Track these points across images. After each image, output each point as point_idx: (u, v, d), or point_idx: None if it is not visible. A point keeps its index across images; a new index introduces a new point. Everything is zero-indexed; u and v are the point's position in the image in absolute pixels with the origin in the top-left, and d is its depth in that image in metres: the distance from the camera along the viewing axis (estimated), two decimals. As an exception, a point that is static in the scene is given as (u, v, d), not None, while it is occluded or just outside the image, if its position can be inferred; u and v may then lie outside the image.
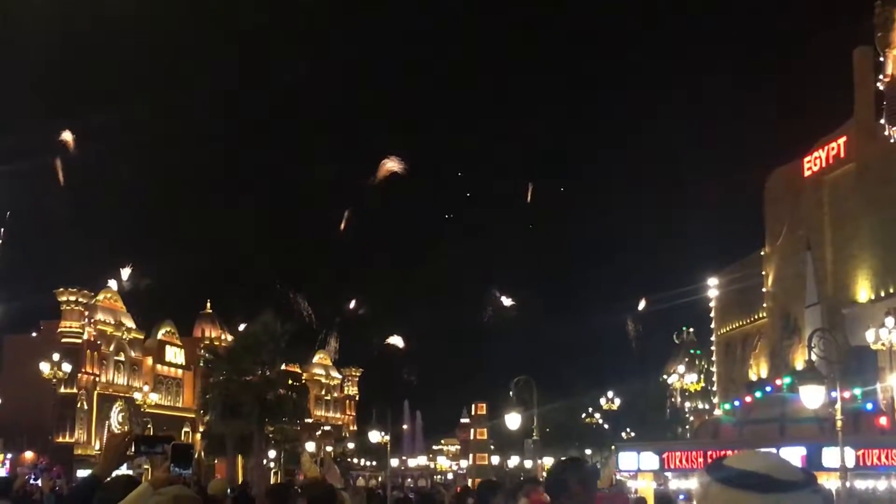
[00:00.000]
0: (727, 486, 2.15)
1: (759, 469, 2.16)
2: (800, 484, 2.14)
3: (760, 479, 2.13)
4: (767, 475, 2.14)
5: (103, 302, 73.21)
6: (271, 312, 48.86)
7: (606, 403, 65.25)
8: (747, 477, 2.14)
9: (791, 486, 2.13)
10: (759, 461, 2.17)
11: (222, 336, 79.55)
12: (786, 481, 2.14)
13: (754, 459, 2.18)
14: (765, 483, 2.12)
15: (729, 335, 54.42)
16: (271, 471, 59.63)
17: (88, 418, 69.81)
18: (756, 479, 2.13)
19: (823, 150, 43.31)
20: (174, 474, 4.54)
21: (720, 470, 2.20)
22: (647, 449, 27.84)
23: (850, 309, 40.16)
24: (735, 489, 2.14)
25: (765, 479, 2.13)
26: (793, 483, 2.14)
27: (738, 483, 2.14)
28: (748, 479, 2.14)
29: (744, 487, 2.13)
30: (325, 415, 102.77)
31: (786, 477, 2.15)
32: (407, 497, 17.65)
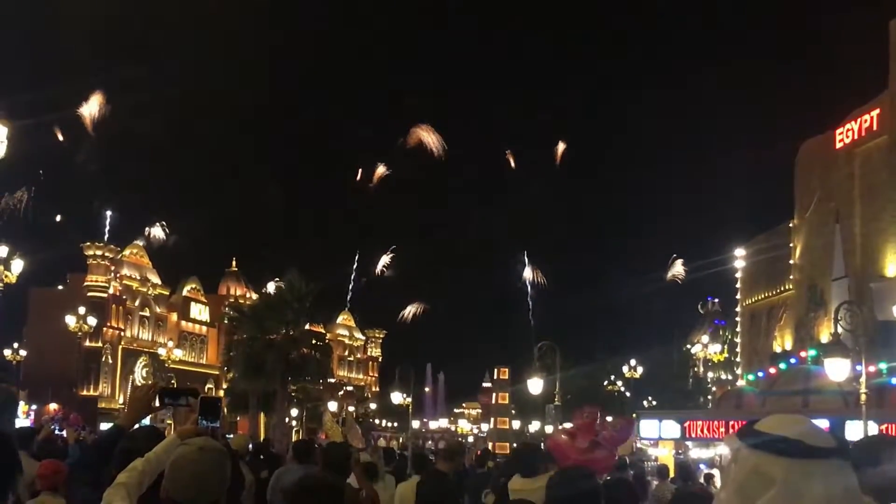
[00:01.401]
0: (756, 450, 2.11)
1: (791, 434, 2.12)
2: (830, 451, 2.10)
3: (790, 444, 2.09)
4: (798, 440, 2.10)
5: (129, 257, 73.66)
6: (296, 272, 49.00)
7: (629, 371, 65.21)
8: (778, 442, 2.10)
9: (821, 452, 2.09)
10: (791, 426, 2.13)
11: (247, 294, 79.90)
12: (816, 447, 2.10)
13: (786, 424, 2.14)
14: (794, 448, 2.08)
15: (754, 306, 54.20)
16: (293, 429, 59.98)
17: (113, 372, 70.45)
18: (786, 444, 2.10)
19: (856, 122, 42.88)
20: (202, 427, 4.53)
21: (751, 434, 2.16)
22: (669, 417, 27.78)
23: (878, 283, 39.87)
24: (764, 453, 2.10)
25: (795, 444, 2.09)
26: (823, 450, 2.10)
27: (768, 447, 2.10)
28: (778, 443, 2.10)
29: (773, 452, 2.09)
30: (348, 375, 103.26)
31: (817, 443, 2.11)
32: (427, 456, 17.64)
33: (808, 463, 2.06)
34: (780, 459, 2.07)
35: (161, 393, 4.97)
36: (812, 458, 2.07)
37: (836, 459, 2.09)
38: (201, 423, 4.56)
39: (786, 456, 2.07)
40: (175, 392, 4.99)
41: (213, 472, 3.93)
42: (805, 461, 2.06)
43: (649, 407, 63.34)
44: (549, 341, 33.76)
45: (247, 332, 47.60)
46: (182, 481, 3.86)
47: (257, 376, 45.27)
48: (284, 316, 46.88)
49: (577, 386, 64.87)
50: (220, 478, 3.95)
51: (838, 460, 2.10)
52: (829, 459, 2.08)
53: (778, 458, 2.08)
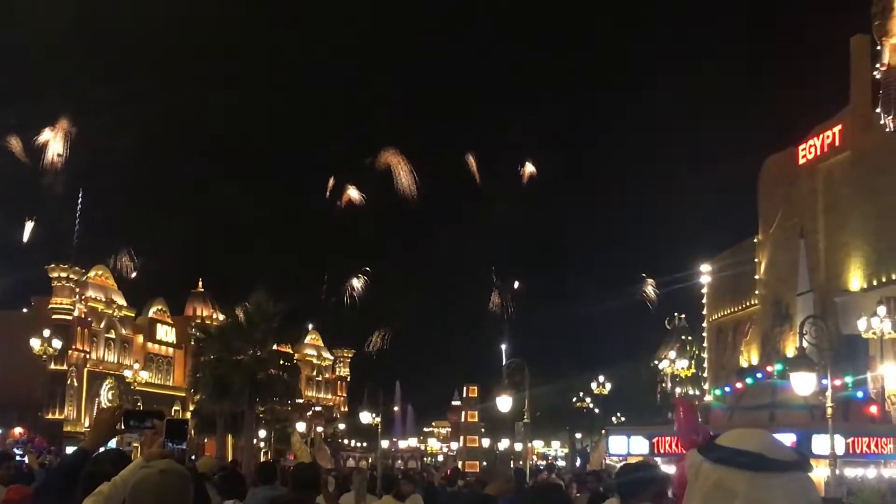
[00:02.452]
0: (718, 465, 2.11)
1: (752, 448, 2.12)
2: (791, 465, 2.10)
3: (751, 458, 2.09)
4: (759, 454, 2.11)
5: (94, 279, 73.14)
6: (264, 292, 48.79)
7: (597, 388, 65.34)
8: (739, 455, 2.11)
9: (782, 465, 2.09)
10: (751, 440, 2.14)
11: (214, 315, 79.49)
12: (778, 461, 2.10)
13: (747, 438, 2.15)
14: (756, 462, 2.08)
15: (720, 321, 54.52)
16: (261, 450, 59.66)
17: (78, 395, 69.79)
18: (747, 458, 2.10)
19: (818, 138, 43.31)
20: (168, 450, 4.50)
21: (712, 449, 2.16)
22: (638, 433, 27.90)
23: (842, 297, 40.22)
24: (726, 467, 2.10)
25: (756, 457, 2.09)
26: (784, 463, 2.10)
27: (729, 461, 2.10)
28: (740, 457, 2.10)
29: (735, 466, 2.09)
30: (317, 395, 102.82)
31: (777, 457, 2.11)
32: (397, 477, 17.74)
33: (769, 476, 2.07)
34: (742, 473, 2.07)
35: (126, 415, 4.93)
36: (773, 471, 2.07)
37: (796, 472, 2.10)
38: (167, 445, 4.53)
39: (747, 469, 2.07)
40: (141, 414, 4.95)
41: (175, 495, 3.90)
42: (766, 474, 2.07)
43: (618, 423, 63.47)
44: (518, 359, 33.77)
45: (214, 353, 47.29)
46: (143, 496, 3.84)
47: (224, 398, 44.98)
48: (252, 336, 46.63)
49: (547, 403, 64.94)
50: (182, 501, 3.93)
51: (799, 473, 2.10)
52: (790, 473, 2.09)
53: (740, 472, 2.08)
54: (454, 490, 19.79)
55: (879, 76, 39.39)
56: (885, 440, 21.87)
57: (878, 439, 21.88)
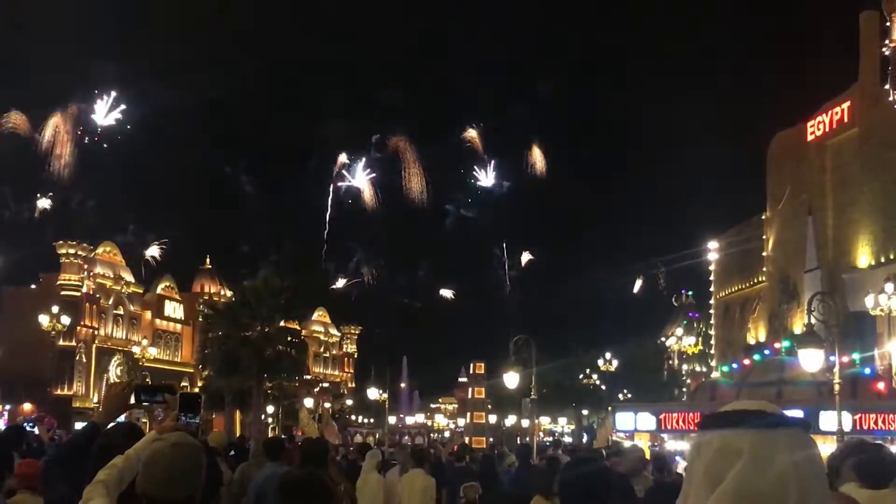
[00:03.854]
0: (720, 430, 2.09)
1: (752, 408, 2.12)
2: (793, 420, 2.11)
3: (753, 416, 2.08)
4: (760, 410, 2.10)
5: (103, 255, 73.28)
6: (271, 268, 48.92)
7: (604, 365, 65.46)
8: (741, 416, 2.10)
9: (785, 420, 2.09)
10: (748, 404, 2.14)
11: (222, 291, 79.66)
12: (780, 415, 2.10)
13: (746, 404, 2.15)
14: (758, 419, 2.08)
15: (728, 298, 54.48)
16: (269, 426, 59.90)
17: (87, 371, 70.06)
18: (749, 416, 2.09)
19: (827, 114, 43.16)
20: (182, 423, 4.52)
21: (711, 421, 2.15)
22: (644, 410, 27.90)
23: (850, 274, 40.17)
24: (728, 430, 2.08)
25: (758, 415, 2.09)
26: (787, 418, 2.10)
27: (731, 423, 2.09)
28: (741, 417, 2.09)
29: (737, 426, 2.08)
30: (324, 372, 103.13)
31: (778, 413, 2.11)
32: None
33: (773, 432, 2.05)
34: (746, 432, 2.06)
35: (137, 390, 4.95)
36: (777, 427, 2.07)
37: (798, 429, 2.09)
38: (181, 419, 4.56)
39: (751, 427, 2.06)
40: (151, 389, 4.97)
41: (187, 467, 3.93)
42: (770, 430, 2.06)
43: (624, 400, 63.52)
44: (525, 335, 33.78)
45: (221, 330, 47.44)
46: (156, 477, 3.86)
47: (232, 374, 45.14)
48: (259, 313, 46.75)
49: (553, 380, 65.07)
50: (194, 473, 3.95)
51: (800, 430, 2.10)
52: (793, 428, 2.08)
53: (743, 431, 2.06)
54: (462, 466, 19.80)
55: (888, 52, 39.24)
56: (892, 417, 21.85)
57: (886, 416, 21.86)
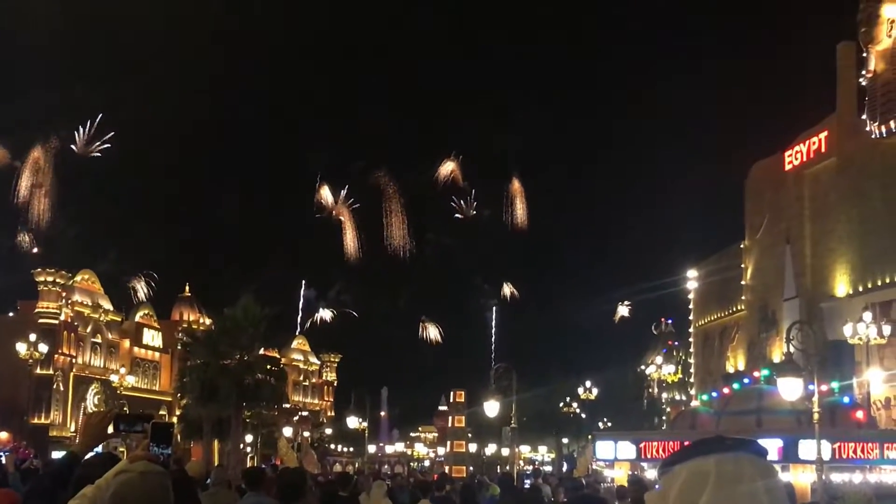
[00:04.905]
0: (684, 461, 2.14)
1: (709, 436, 2.18)
2: (750, 444, 2.16)
3: (714, 441, 2.14)
4: (720, 436, 2.16)
5: (81, 283, 72.91)
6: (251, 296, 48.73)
7: (584, 393, 65.40)
8: (701, 444, 2.15)
9: (743, 444, 2.14)
10: (704, 435, 2.21)
11: (201, 319, 79.36)
12: (738, 440, 2.16)
13: (699, 436, 2.21)
14: (719, 443, 2.13)
15: (707, 327, 54.64)
16: (248, 455, 59.53)
17: (64, 400, 69.52)
18: (710, 442, 2.15)
19: (805, 144, 43.48)
20: (153, 454, 4.48)
21: (671, 458, 2.20)
22: (625, 438, 27.91)
23: (829, 303, 40.36)
24: (692, 460, 2.13)
25: (718, 440, 2.15)
26: (745, 442, 2.15)
27: (694, 453, 2.14)
28: (702, 445, 2.15)
29: (701, 454, 2.13)
30: (303, 400, 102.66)
31: (737, 438, 2.17)
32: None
33: (735, 453, 2.11)
34: (710, 456, 2.11)
35: (116, 419, 4.92)
36: (737, 450, 2.12)
37: (754, 455, 2.14)
38: (153, 449, 4.51)
39: (714, 452, 2.11)
40: (131, 418, 4.93)
41: (154, 497, 3.90)
42: (732, 452, 2.11)
43: (605, 428, 63.50)
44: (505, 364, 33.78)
45: (200, 358, 47.19)
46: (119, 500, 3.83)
47: (211, 402, 44.87)
48: (238, 341, 46.55)
49: (534, 408, 64.96)
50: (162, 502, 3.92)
51: (757, 455, 2.14)
52: (751, 452, 2.14)
53: (707, 456, 2.11)
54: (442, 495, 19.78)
55: (865, 83, 39.55)
56: (870, 445, 21.93)
57: (864, 444, 21.94)
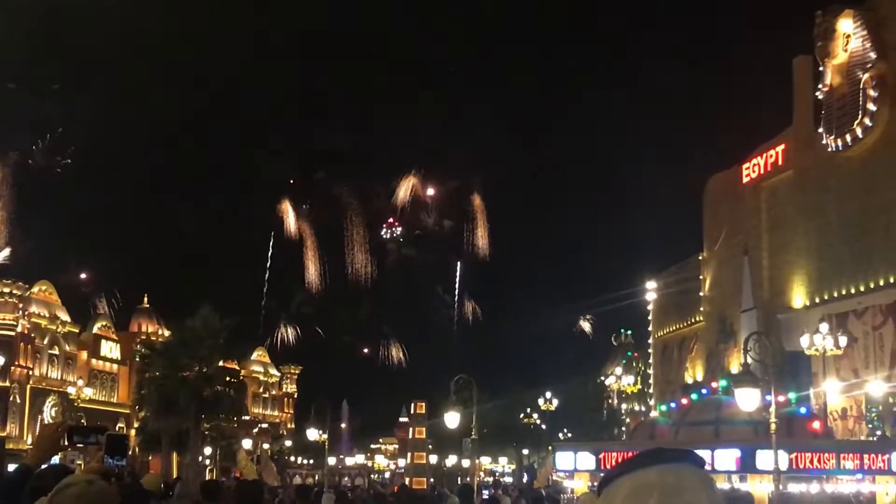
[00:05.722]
0: (625, 475, 2.12)
1: (648, 449, 2.17)
2: (688, 455, 2.15)
3: (654, 453, 2.13)
4: (658, 448, 2.16)
5: (38, 294, 72.21)
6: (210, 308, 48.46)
7: (544, 404, 65.61)
8: (641, 458, 2.14)
9: (683, 455, 2.14)
10: (642, 448, 2.20)
11: (159, 331, 78.82)
12: (678, 450, 2.15)
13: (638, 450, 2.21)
14: (659, 455, 2.12)
15: (666, 338, 54.92)
16: (207, 468, 59.15)
17: (21, 412, 68.76)
18: (650, 455, 2.13)
19: (762, 157, 43.88)
20: (108, 465, 4.46)
21: (610, 475, 2.18)
22: (584, 449, 27.95)
23: (786, 314, 40.70)
24: (633, 472, 2.11)
25: (657, 451, 2.14)
26: (684, 453, 2.15)
27: (635, 466, 2.12)
28: (643, 458, 2.13)
29: (641, 466, 2.12)
30: (263, 412, 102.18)
31: (675, 449, 2.16)
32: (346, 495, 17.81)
33: (676, 465, 2.11)
34: (652, 468, 2.10)
35: (70, 431, 4.89)
36: (678, 461, 2.11)
37: (694, 465, 2.13)
38: (107, 461, 4.49)
39: (656, 464, 2.11)
40: (84, 430, 4.91)
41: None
42: (674, 464, 2.11)
43: (565, 439, 63.65)
44: (466, 375, 33.77)
45: (159, 370, 46.91)
46: None
47: (170, 414, 44.60)
48: (198, 352, 46.28)
49: (494, 419, 65.01)
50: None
51: (697, 466, 2.14)
52: (691, 463, 2.13)
53: (649, 468, 2.10)
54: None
55: (822, 96, 39.96)
56: (827, 455, 22.09)
57: (821, 454, 22.10)
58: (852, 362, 37.51)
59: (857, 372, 37.26)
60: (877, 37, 37.29)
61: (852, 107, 37.80)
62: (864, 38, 37.75)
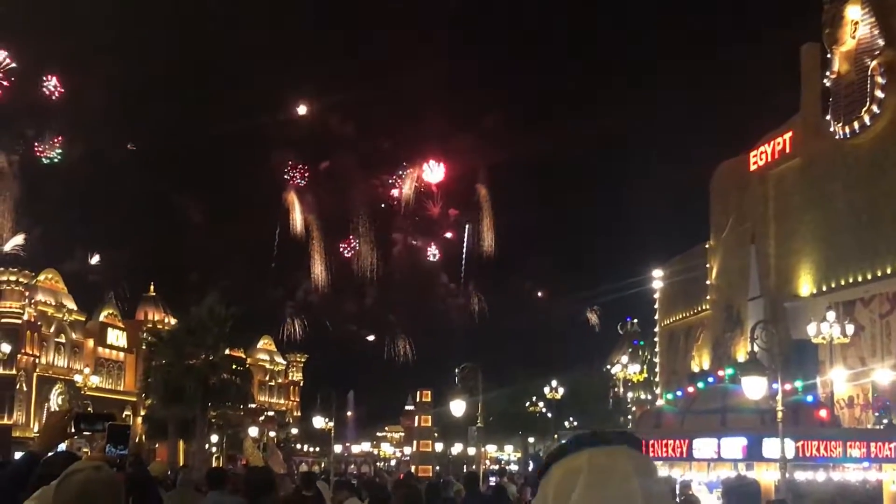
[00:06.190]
0: (558, 461, 2.07)
1: (584, 432, 2.12)
2: (624, 437, 2.09)
3: (586, 436, 2.08)
4: (593, 431, 2.11)
5: (44, 283, 72.38)
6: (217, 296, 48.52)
7: (550, 392, 65.52)
8: (574, 440, 2.08)
9: (617, 437, 2.08)
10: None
11: (166, 319, 78.96)
12: (612, 433, 2.10)
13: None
14: (591, 438, 2.07)
15: (672, 326, 54.86)
16: (213, 455, 59.27)
17: (27, 400, 68.99)
18: (582, 437, 2.08)
19: (769, 144, 43.74)
20: (110, 454, 4.44)
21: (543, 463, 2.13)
22: (590, 438, 27.92)
23: (793, 303, 40.62)
24: (565, 458, 2.06)
25: (590, 434, 2.08)
26: (619, 435, 2.09)
27: (567, 450, 2.07)
28: (575, 441, 2.08)
29: (573, 450, 2.06)
30: (269, 400, 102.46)
31: (610, 432, 2.11)
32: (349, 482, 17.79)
33: (608, 447, 2.04)
34: (583, 452, 2.04)
35: (77, 419, 4.87)
36: (611, 443, 2.06)
37: (630, 447, 2.07)
38: (109, 450, 4.47)
39: (586, 447, 2.05)
40: (91, 418, 4.90)
41: (102, 494, 3.85)
42: (605, 446, 2.05)
43: (570, 427, 63.60)
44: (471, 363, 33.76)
45: (165, 358, 46.97)
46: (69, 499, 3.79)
47: (176, 402, 44.67)
48: (204, 341, 46.33)
49: (500, 407, 65.01)
50: (110, 501, 3.87)
51: (634, 449, 2.07)
52: (625, 446, 2.07)
53: (578, 452, 2.05)
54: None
55: (829, 84, 39.83)
56: (833, 444, 22.02)
57: (827, 443, 22.02)
58: (859, 350, 37.44)
59: (864, 360, 37.19)
60: (885, 24, 37.13)
61: (860, 94, 37.68)
62: (872, 25, 37.60)
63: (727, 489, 8.07)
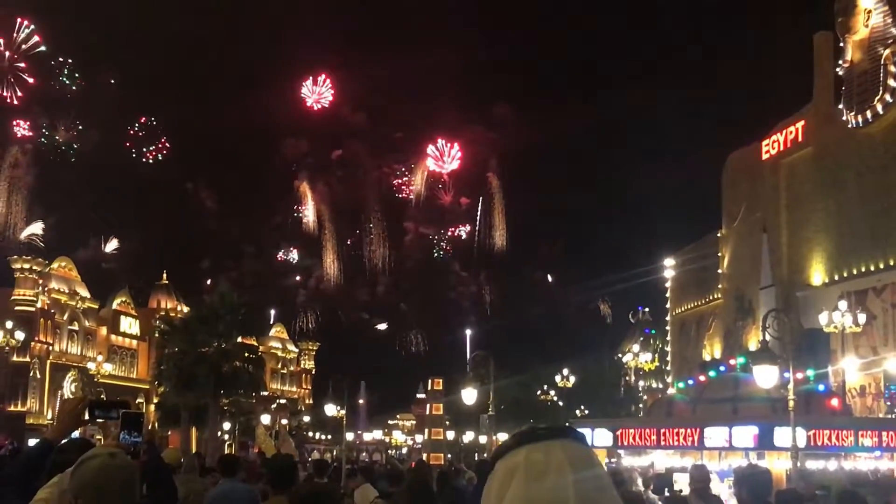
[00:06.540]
0: (500, 459, 2.04)
1: (524, 428, 2.09)
2: (566, 431, 2.06)
3: (526, 433, 2.05)
4: (532, 427, 2.08)
5: (58, 271, 72.59)
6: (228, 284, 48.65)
7: (561, 381, 65.57)
8: (514, 437, 2.06)
9: (558, 431, 2.05)
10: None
11: (178, 307, 79.16)
12: (553, 427, 2.07)
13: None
14: (531, 434, 2.04)
15: (684, 315, 54.83)
16: (225, 443, 59.46)
17: (41, 387, 69.26)
18: (522, 434, 2.05)
19: (782, 133, 43.64)
20: (124, 441, 4.48)
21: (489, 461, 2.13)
22: (601, 426, 27.95)
23: (804, 291, 40.58)
24: (506, 455, 2.03)
25: (530, 430, 2.05)
26: (559, 429, 2.07)
27: (506, 450, 2.05)
28: (515, 438, 2.06)
29: (514, 446, 2.04)
30: (281, 388, 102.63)
31: (551, 427, 2.08)
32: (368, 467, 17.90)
33: (546, 443, 2.02)
34: (521, 448, 2.02)
35: (91, 406, 4.91)
36: (551, 438, 2.03)
37: (571, 441, 2.04)
38: (123, 437, 4.51)
39: (525, 443, 2.03)
40: (105, 405, 4.94)
41: (117, 480, 3.89)
42: (543, 441, 2.02)
43: (582, 416, 63.69)
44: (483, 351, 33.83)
45: (178, 346, 47.09)
46: (85, 484, 3.83)
47: (189, 390, 44.82)
48: (216, 329, 46.45)
49: (511, 395, 65.08)
50: (125, 487, 3.91)
51: (576, 442, 2.05)
52: (566, 438, 2.04)
53: (518, 448, 2.02)
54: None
55: (842, 73, 39.71)
56: (845, 433, 22.03)
57: (839, 432, 22.03)
58: (871, 339, 37.41)
59: (876, 349, 37.16)
60: (898, 12, 37.02)
61: (873, 83, 37.56)
62: (886, 13, 37.47)
63: (739, 478, 8.20)
